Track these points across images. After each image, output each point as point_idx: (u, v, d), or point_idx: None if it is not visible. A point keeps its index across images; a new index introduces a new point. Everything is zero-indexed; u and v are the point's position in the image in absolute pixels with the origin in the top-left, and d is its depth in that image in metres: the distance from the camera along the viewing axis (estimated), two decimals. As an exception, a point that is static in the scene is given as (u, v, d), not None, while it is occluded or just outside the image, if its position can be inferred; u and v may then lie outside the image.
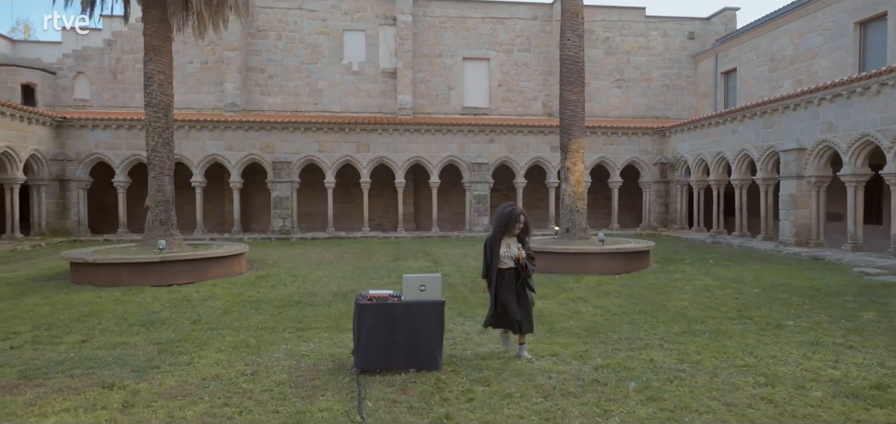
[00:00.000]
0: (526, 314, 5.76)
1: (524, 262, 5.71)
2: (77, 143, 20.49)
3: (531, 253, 5.87)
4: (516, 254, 5.72)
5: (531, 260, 5.82)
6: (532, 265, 5.81)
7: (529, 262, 5.78)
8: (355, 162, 21.72)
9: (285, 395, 4.80)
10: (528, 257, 5.78)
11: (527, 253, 5.77)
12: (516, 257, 5.72)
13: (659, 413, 4.35)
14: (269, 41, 25.98)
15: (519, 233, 5.80)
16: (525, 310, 5.77)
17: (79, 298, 9.23)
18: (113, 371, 5.43)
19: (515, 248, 5.77)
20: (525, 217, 5.84)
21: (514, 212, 5.76)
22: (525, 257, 5.72)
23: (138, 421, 4.19)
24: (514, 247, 5.78)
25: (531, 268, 5.80)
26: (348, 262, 14.38)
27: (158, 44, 12.39)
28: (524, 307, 5.77)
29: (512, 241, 5.82)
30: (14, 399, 4.65)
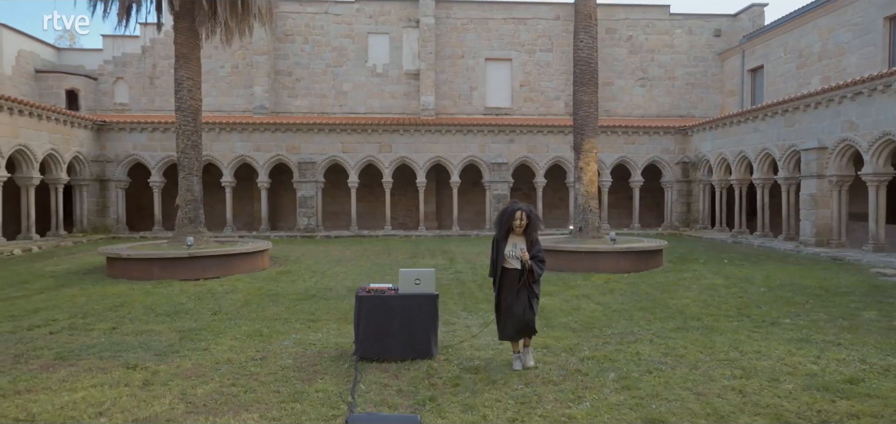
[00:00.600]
0: (524, 319, 5.32)
1: (530, 264, 5.26)
2: (116, 145, 21.63)
3: (539, 255, 5.38)
4: (519, 254, 5.28)
5: (539, 261, 5.36)
6: (538, 268, 5.34)
7: (535, 264, 5.31)
8: (378, 162, 22.27)
9: (288, 378, 5.25)
10: (535, 259, 5.32)
11: (533, 254, 5.32)
12: (521, 258, 5.27)
13: (629, 399, 4.63)
14: (297, 45, 26.78)
15: (524, 231, 5.37)
16: (523, 313, 5.32)
17: (113, 290, 9.95)
18: (137, 354, 5.99)
19: (520, 247, 5.32)
20: (529, 214, 5.39)
21: (514, 209, 5.40)
22: (530, 259, 5.27)
23: (155, 397, 4.70)
24: (520, 246, 5.34)
25: (537, 271, 5.33)
26: (367, 259, 14.88)
27: (188, 52, 13.11)
28: (525, 309, 5.32)
29: (518, 240, 5.39)
30: (50, 376, 5.23)
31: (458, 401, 4.62)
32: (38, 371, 5.37)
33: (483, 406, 4.49)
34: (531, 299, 5.39)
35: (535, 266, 5.33)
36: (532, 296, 5.39)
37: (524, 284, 5.36)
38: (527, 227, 5.40)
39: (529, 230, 5.42)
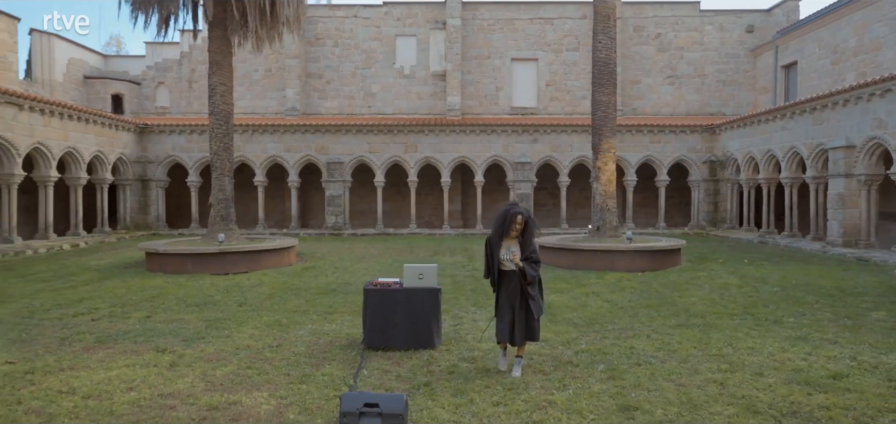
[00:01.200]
0: (529, 322, 5.30)
1: (522, 266, 5.17)
2: (156, 146, 22.80)
3: (533, 256, 5.27)
4: (512, 257, 5.23)
5: (533, 263, 5.23)
6: (531, 270, 5.19)
7: (528, 266, 5.18)
8: (403, 162, 22.78)
9: (299, 363, 5.71)
10: (529, 260, 5.21)
11: (528, 256, 5.23)
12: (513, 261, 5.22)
13: (611, 388, 4.90)
14: (327, 48, 27.56)
15: (519, 235, 5.29)
16: (528, 318, 5.29)
17: (150, 282, 10.70)
18: (167, 339, 6.58)
19: (512, 250, 5.27)
20: (525, 217, 5.29)
21: (510, 212, 5.30)
22: (522, 261, 5.18)
23: (179, 376, 5.23)
24: (512, 249, 5.28)
25: (530, 274, 5.18)
26: (390, 256, 15.37)
27: (220, 59, 13.86)
28: (527, 315, 5.29)
29: (512, 243, 5.30)
30: (90, 357, 5.85)
31: (451, 386, 4.98)
32: (79, 352, 6.00)
33: (472, 391, 4.84)
34: (528, 301, 5.29)
35: (528, 268, 5.20)
36: (529, 298, 5.28)
37: (520, 287, 5.29)
38: (523, 230, 5.31)
39: (525, 234, 5.32)
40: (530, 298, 5.29)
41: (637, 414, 4.32)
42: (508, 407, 4.48)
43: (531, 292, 5.29)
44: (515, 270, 5.26)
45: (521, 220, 5.29)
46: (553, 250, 13.44)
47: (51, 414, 4.30)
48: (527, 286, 5.26)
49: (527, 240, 5.33)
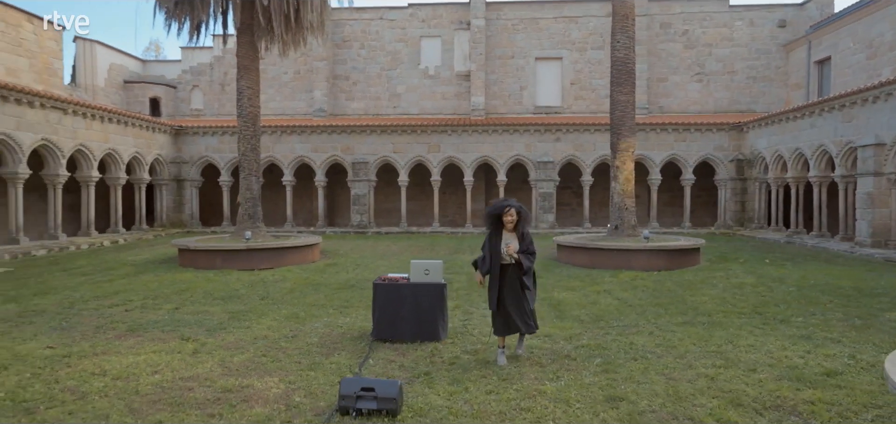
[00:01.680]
0: (523, 313, 5.59)
1: (517, 257, 5.48)
2: (191, 147, 23.74)
3: (530, 248, 5.59)
4: (507, 249, 5.49)
5: (529, 254, 5.56)
6: (526, 261, 5.52)
7: (524, 258, 5.50)
8: (427, 162, 23.13)
9: (310, 352, 6.08)
10: (525, 252, 5.53)
11: (523, 248, 5.53)
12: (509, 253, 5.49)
13: (602, 380, 5.10)
14: (353, 51, 28.14)
15: (515, 227, 5.59)
16: (522, 309, 5.59)
17: (181, 277, 11.31)
18: (192, 329, 7.05)
19: (512, 243, 5.53)
20: (519, 211, 5.59)
21: (503, 205, 5.61)
22: (516, 252, 5.48)
23: (199, 362, 5.65)
24: (507, 241, 5.55)
25: (525, 263, 5.51)
26: (410, 254, 15.71)
27: (248, 63, 14.45)
28: (522, 307, 5.59)
29: (510, 236, 5.59)
30: (121, 344, 6.34)
31: (449, 376, 5.26)
32: (112, 339, 6.51)
33: (468, 380, 5.11)
34: (524, 291, 5.57)
35: (524, 259, 5.49)
36: (523, 289, 5.56)
37: (516, 279, 5.54)
38: (517, 222, 5.59)
39: (520, 225, 5.59)
40: (526, 288, 5.59)
41: (622, 404, 4.51)
42: (500, 396, 4.73)
43: (527, 282, 5.59)
44: (512, 263, 5.51)
45: (513, 212, 5.57)
46: (570, 248, 13.56)
47: (83, 392, 4.76)
48: (522, 276, 5.54)
49: (522, 233, 5.59)
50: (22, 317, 7.73)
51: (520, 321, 5.59)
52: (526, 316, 5.62)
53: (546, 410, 4.41)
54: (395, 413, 4.24)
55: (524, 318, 5.61)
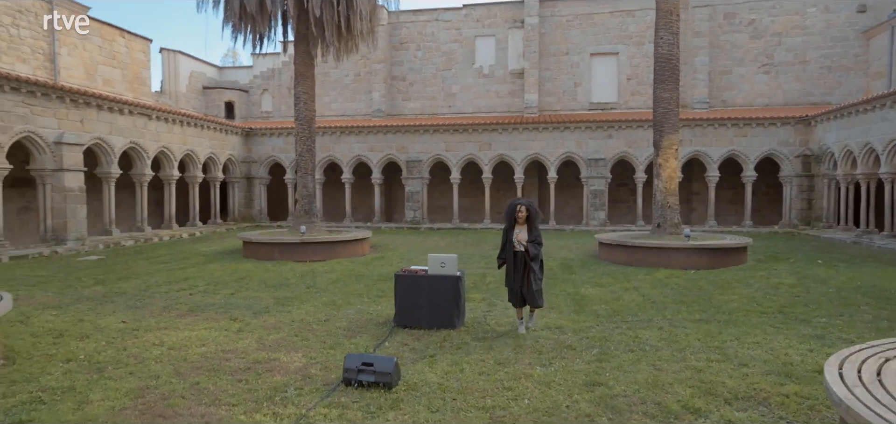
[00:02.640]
0: (530, 291, 6.65)
1: (526, 245, 6.64)
2: (259, 148, 25.57)
3: (537, 239, 6.72)
4: (517, 238, 6.68)
5: (536, 244, 6.68)
6: (533, 249, 6.65)
7: (531, 246, 6.64)
8: (478, 159, 23.65)
9: (336, 334, 6.82)
10: (533, 242, 6.67)
11: (531, 238, 6.67)
12: (519, 241, 6.67)
13: (589, 367, 5.47)
14: (410, 52, 29.11)
15: (526, 221, 6.72)
16: (530, 287, 6.66)
17: (242, 266, 12.52)
18: (241, 311, 8.01)
19: (522, 235, 6.69)
20: (528, 207, 6.75)
21: (516, 204, 6.83)
22: (526, 241, 6.65)
23: (240, 338, 6.54)
24: (522, 233, 6.70)
25: (533, 252, 6.63)
26: (456, 249, 16.30)
27: (304, 70, 15.57)
28: (530, 285, 6.65)
29: (521, 228, 6.73)
30: (180, 321, 7.38)
31: (450, 358, 5.82)
32: (173, 318, 7.58)
33: (466, 362, 5.65)
34: (530, 274, 6.67)
35: (531, 247, 6.65)
36: (530, 272, 6.67)
37: (524, 263, 6.72)
38: (527, 218, 6.76)
39: (530, 220, 6.77)
40: (531, 272, 6.70)
41: (598, 389, 4.89)
42: (490, 377, 5.23)
43: (533, 266, 6.72)
44: (523, 250, 6.70)
45: (523, 210, 6.79)
46: (609, 246, 13.66)
47: (143, 358, 5.73)
48: (530, 261, 6.68)
49: (531, 226, 6.78)
50: (106, 297, 9.05)
51: (527, 296, 6.76)
52: (533, 293, 6.73)
53: (526, 390, 4.87)
54: (390, 386, 4.86)
55: (531, 294, 6.74)
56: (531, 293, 6.68)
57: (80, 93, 16.25)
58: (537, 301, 6.82)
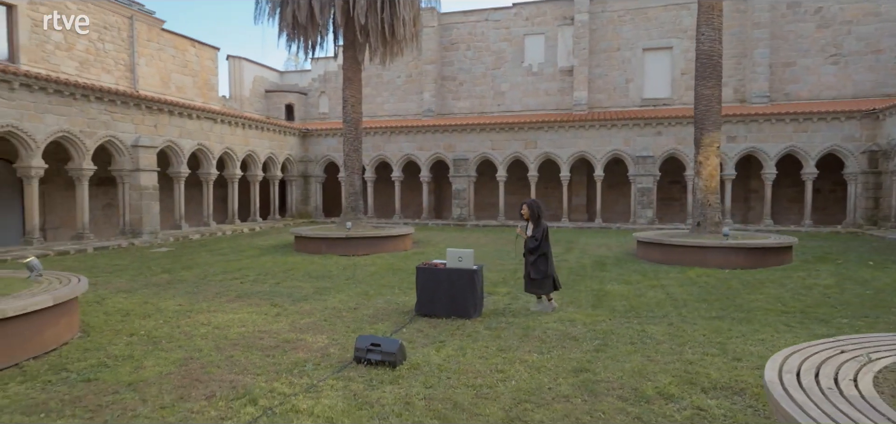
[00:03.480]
0: (528, 278, 7.85)
1: (525, 237, 7.93)
2: (315, 148, 26.95)
3: (536, 233, 7.86)
4: (518, 231, 8.12)
5: (533, 239, 7.84)
6: (530, 243, 7.81)
7: (529, 239, 7.88)
8: (523, 158, 23.88)
9: (361, 320, 7.49)
10: (531, 237, 7.87)
11: (533, 234, 7.86)
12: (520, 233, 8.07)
13: (585, 356, 5.81)
14: (460, 52, 29.68)
15: (530, 219, 7.98)
16: (537, 276, 7.77)
17: (291, 259, 13.53)
18: (282, 298, 8.86)
19: (521, 226, 8.12)
20: (530, 206, 8.00)
21: (522, 203, 8.17)
22: (526, 234, 7.92)
23: (276, 321, 7.33)
24: (522, 226, 8.11)
25: (529, 244, 7.83)
26: (494, 245, 16.72)
27: (351, 75, 16.47)
28: (538, 274, 7.76)
29: (528, 225, 8.00)
30: (228, 305, 8.29)
31: (457, 343, 6.32)
32: (223, 302, 8.52)
33: (470, 347, 6.14)
34: (529, 265, 7.82)
35: (529, 241, 7.87)
36: (529, 263, 7.83)
37: (534, 254, 7.83)
38: (531, 216, 7.96)
39: (533, 216, 7.96)
40: (530, 264, 7.80)
41: (583, 375, 5.25)
42: (488, 361, 5.70)
43: (530, 258, 7.81)
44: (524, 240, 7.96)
45: (525, 208, 7.99)
46: (646, 244, 13.66)
47: (191, 335, 6.61)
48: (527, 252, 7.86)
49: (537, 223, 7.93)
50: (169, 284, 10.19)
51: (526, 283, 7.96)
52: (529, 280, 7.88)
53: (516, 373, 5.31)
54: (394, 365, 5.43)
55: (530, 281, 7.88)
56: (528, 280, 7.81)
57: (154, 100, 17.93)
58: (536, 289, 7.88)
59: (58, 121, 14.63)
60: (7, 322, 5.40)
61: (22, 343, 5.56)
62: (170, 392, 4.80)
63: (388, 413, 4.35)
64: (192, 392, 4.80)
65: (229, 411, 4.39)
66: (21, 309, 5.49)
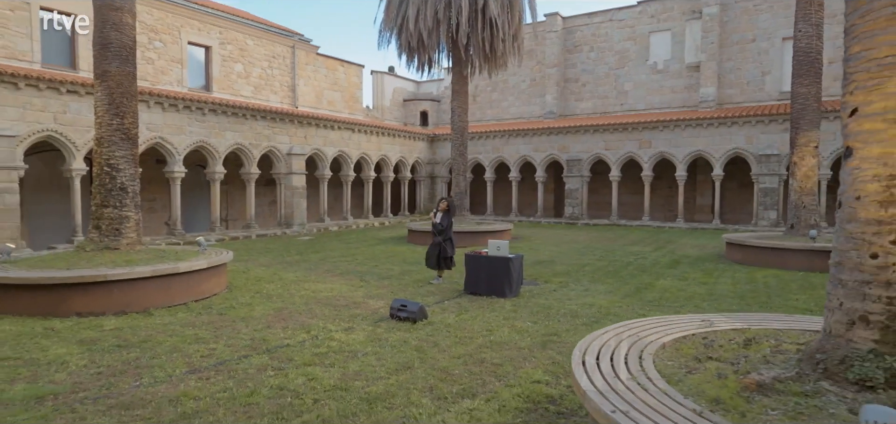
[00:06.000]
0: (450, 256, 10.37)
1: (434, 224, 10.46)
2: (442, 151, 29.68)
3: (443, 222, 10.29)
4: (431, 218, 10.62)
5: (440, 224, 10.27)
6: (438, 226, 10.28)
7: (436, 224, 10.33)
8: (637, 157, 23.90)
9: (417, 294, 9.46)
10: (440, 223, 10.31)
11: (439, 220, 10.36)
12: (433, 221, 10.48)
13: (567, 326, 7.10)
14: (583, 54, 30.23)
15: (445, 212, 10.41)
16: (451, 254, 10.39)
17: (398, 248, 16.03)
18: (370, 276, 11.21)
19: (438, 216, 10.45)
20: (448, 201, 10.56)
21: (441, 199, 10.68)
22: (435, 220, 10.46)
23: (356, 290, 9.64)
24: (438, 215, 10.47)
25: (437, 227, 10.28)
26: (588, 243, 17.58)
27: (459, 88, 18.58)
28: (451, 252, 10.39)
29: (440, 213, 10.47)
30: (328, 278, 10.87)
31: (476, 312, 7.96)
32: (327, 276, 11.14)
33: (482, 315, 7.75)
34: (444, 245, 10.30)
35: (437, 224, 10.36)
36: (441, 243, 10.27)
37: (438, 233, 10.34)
38: (447, 207, 10.49)
39: (450, 209, 10.57)
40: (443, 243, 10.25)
41: (553, 337, 6.61)
42: (486, 324, 7.30)
43: (438, 239, 10.23)
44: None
45: (444, 202, 10.49)
46: (731, 245, 13.66)
47: (293, 295, 9.18)
48: (437, 235, 10.25)
49: (447, 213, 10.42)
50: (297, 262, 13.23)
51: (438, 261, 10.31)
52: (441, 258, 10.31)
53: (500, 332, 6.85)
54: (415, 321, 7.29)
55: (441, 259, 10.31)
56: (439, 258, 10.24)
57: (305, 116, 21.93)
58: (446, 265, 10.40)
59: (234, 136, 19.01)
60: (180, 276, 8.39)
61: (188, 290, 8.54)
62: (263, 323, 7.27)
63: (388, 344, 6.27)
64: (276, 324, 7.22)
65: (292, 335, 6.68)
66: (187, 268, 8.47)
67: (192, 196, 20.33)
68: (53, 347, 6.09)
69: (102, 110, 8.86)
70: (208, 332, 6.80)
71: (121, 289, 7.76)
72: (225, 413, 4.32)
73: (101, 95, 8.83)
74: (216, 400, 4.57)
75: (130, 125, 9.09)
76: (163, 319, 7.44)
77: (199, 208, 20.82)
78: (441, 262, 10.27)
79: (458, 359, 5.75)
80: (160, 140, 16.84)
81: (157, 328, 6.99)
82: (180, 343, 6.27)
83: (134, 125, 9.20)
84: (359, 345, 6.27)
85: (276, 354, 5.90)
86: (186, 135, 17.52)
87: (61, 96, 14.53)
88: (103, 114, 8.85)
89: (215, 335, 6.63)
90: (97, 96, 8.90)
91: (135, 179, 9.30)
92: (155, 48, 20.65)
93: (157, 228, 19.17)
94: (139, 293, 7.90)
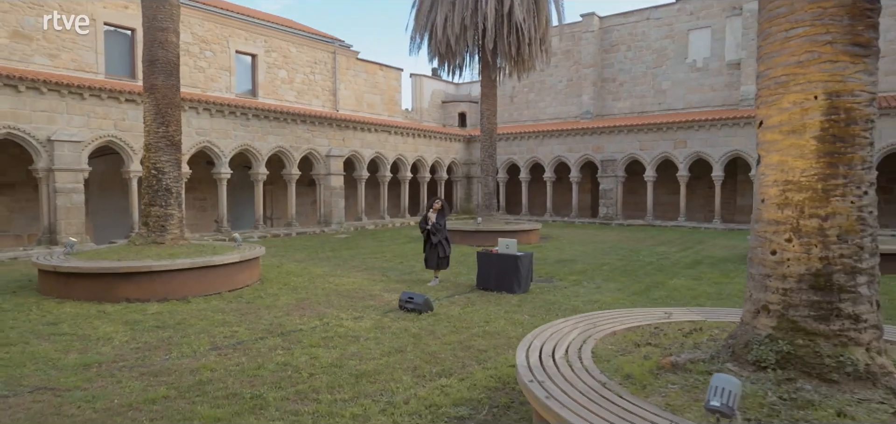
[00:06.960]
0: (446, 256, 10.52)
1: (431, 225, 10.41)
2: (476, 152, 30.08)
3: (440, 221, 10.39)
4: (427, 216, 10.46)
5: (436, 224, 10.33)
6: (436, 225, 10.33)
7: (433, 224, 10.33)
8: (672, 157, 23.63)
9: (432, 289, 10.06)
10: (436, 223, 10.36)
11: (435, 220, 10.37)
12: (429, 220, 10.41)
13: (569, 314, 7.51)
14: (620, 54, 30.03)
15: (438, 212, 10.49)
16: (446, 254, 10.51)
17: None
18: (392, 272, 11.90)
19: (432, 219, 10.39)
20: (443, 203, 10.67)
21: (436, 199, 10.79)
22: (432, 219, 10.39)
23: (374, 284, 10.33)
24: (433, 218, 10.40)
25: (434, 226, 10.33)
26: (615, 243, 17.68)
27: (487, 91, 19.06)
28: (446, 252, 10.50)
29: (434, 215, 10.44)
30: (353, 272, 11.63)
31: (481, 306, 8.49)
32: (352, 271, 11.90)
33: (485, 308, 8.26)
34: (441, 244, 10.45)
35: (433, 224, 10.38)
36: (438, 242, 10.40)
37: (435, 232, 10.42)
38: (440, 209, 10.57)
39: (444, 209, 10.67)
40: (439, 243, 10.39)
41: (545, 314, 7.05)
42: (487, 315, 7.81)
43: (433, 240, 10.33)
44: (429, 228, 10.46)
45: (438, 203, 10.60)
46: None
47: (316, 287, 9.96)
48: (432, 235, 10.31)
49: (440, 214, 10.50)
50: (328, 259, 14.09)
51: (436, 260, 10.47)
52: (438, 258, 10.45)
53: (498, 324, 7.33)
54: (421, 312, 7.89)
55: (438, 259, 10.46)
56: (436, 258, 10.39)
57: (343, 119, 22.94)
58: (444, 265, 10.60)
59: (276, 139, 20.20)
60: (216, 268, 9.32)
61: (223, 281, 9.46)
62: (284, 311, 8.06)
63: (389, 331, 6.90)
64: (295, 313, 7.99)
65: (306, 322, 7.42)
66: (222, 261, 9.39)
67: (239, 196, 21.72)
68: (103, 326, 7.06)
69: (150, 119, 9.92)
70: (234, 317, 7.63)
71: (163, 279, 8.74)
72: (234, 382, 5.05)
73: (149, 105, 9.89)
74: (228, 372, 5.32)
75: (174, 132, 10.12)
76: (198, 306, 8.36)
77: (245, 207, 22.19)
78: (439, 262, 10.54)
79: (447, 346, 6.31)
80: (208, 144, 18.17)
81: (192, 313, 7.89)
82: (209, 326, 7.12)
83: (177, 132, 10.23)
84: (363, 331, 6.93)
85: (289, 337, 6.63)
86: (231, 139, 18.81)
87: (120, 105, 16.00)
88: (151, 122, 9.91)
89: (239, 320, 7.45)
90: (145, 107, 9.98)
91: (178, 180, 10.33)
92: (206, 57, 22.16)
93: (207, 225, 20.62)
94: (179, 283, 8.87)
